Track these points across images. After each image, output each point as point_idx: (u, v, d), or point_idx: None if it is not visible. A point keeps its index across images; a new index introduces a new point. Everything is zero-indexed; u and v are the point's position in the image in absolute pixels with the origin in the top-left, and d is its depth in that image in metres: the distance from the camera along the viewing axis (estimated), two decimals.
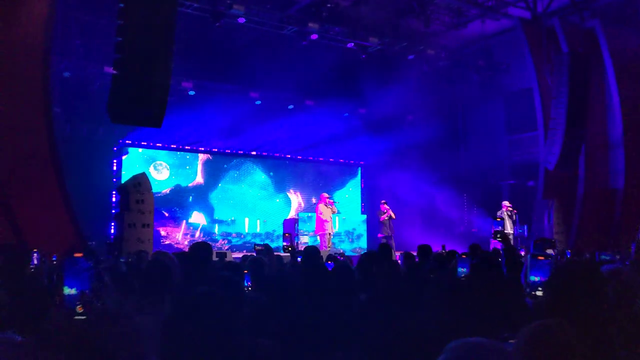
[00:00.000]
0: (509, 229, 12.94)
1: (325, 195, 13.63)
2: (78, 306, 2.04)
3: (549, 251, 9.87)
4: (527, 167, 14.69)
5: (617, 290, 2.79)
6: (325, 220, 13.21)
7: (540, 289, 2.65)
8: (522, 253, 9.19)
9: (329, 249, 12.57)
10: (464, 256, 4.12)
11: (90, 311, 2.00)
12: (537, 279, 2.69)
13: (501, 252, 4.54)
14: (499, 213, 13.03)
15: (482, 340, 1.82)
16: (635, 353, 1.92)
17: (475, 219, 15.16)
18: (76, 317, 2.01)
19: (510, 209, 13.06)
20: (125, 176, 13.02)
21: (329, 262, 5.46)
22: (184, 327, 2.15)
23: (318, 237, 13.36)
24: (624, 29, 13.14)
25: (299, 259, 5.87)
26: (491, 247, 9.95)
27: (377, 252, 7.12)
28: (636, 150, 12.77)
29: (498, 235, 4.41)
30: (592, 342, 1.54)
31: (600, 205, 12.91)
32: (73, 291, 2.08)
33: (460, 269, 3.93)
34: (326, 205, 13.27)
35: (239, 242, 15.09)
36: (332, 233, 13.47)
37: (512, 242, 11.99)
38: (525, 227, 13.11)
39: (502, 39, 15.02)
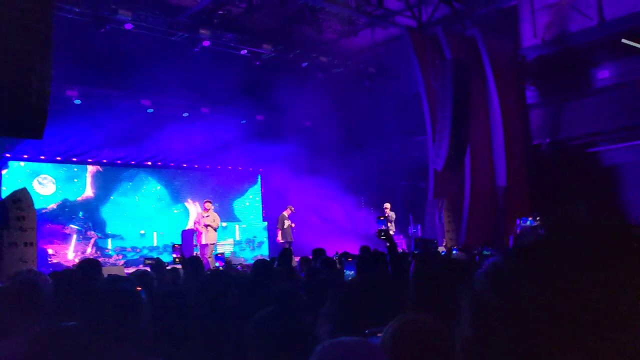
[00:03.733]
0: (391, 229, 13.46)
1: (206, 201, 12.64)
2: None
3: (441, 249, 10.33)
4: (419, 169, 15.32)
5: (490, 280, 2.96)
6: (200, 231, 12.18)
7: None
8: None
9: (209, 259, 11.39)
10: (350, 259, 4.20)
11: None
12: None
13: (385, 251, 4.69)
14: (384, 214, 13.51)
15: (350, 339, 1.85)
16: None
17: (372, 220, 15.58)
18: None
19: (389, 211, 13.62)
20: (6, 192, 12.10)
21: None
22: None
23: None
24: (501, 37, 14.11)
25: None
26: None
27: (279, 257, 7.11)
28: (514, 149, 13.74)
29: (382, 235, 4.54)
30: (450, 332, 1.61)
31: (486, 203, 13.72)
32: None
33: (347, 272, 3.99)
34: (203, 214, 12.29)
35: (135, 257, 14.48)
36: (212, 243, 12.04)
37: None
38: (419, 227, 13.65)
39: (391, 46, 15.61)
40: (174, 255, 7.06)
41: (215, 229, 12.22)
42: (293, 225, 13.85)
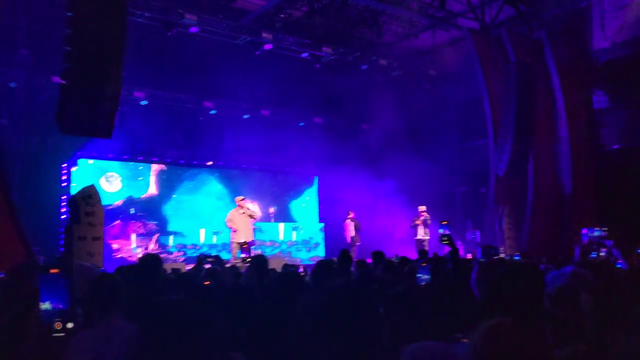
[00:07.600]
0: (422, 234, 13.33)
1: (238, 198, 12.47)
2: (56, 322, 2.02)
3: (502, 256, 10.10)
4: (478, 174, 15.03)
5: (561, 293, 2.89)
6: (234, 229, 12.04)
7: None
8: (469, 257, 9.39)
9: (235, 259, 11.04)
10: (424, 264, 4.19)
11: (66, 329, 1.98)
12: None
13: (448, 255, 4.65)
14: (415, 218, 13.49)
15: (437, 343, 1.85)
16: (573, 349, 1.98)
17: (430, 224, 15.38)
18: (54, 335, 1.97)
19: (425, 214, 13.50)
20: (75, 188, 12.65)
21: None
22: (156, 339, 2.07)
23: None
24: (569, 40, 13.65)
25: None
26: (445, 251, 10.10)
27: (338, 259, 7.12)
28: (580, 155, 13.26)
29: (444, 239, 4.51)
30: (530, 340, 1.57)
31: (549, 210, 13.31)
32: (48, 306, 2.06)
33: (421, 276, 3.98)
34: (237, 211, 12.03)
35: (195, 254, 14.83)
36: (246, 241, 11.22)
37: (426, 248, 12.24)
38: (478, 233, 13.38)
39: (452, 49, 15.38)
40: (244, 256, 7.20)
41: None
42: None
